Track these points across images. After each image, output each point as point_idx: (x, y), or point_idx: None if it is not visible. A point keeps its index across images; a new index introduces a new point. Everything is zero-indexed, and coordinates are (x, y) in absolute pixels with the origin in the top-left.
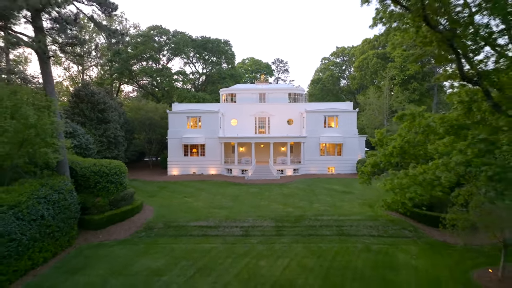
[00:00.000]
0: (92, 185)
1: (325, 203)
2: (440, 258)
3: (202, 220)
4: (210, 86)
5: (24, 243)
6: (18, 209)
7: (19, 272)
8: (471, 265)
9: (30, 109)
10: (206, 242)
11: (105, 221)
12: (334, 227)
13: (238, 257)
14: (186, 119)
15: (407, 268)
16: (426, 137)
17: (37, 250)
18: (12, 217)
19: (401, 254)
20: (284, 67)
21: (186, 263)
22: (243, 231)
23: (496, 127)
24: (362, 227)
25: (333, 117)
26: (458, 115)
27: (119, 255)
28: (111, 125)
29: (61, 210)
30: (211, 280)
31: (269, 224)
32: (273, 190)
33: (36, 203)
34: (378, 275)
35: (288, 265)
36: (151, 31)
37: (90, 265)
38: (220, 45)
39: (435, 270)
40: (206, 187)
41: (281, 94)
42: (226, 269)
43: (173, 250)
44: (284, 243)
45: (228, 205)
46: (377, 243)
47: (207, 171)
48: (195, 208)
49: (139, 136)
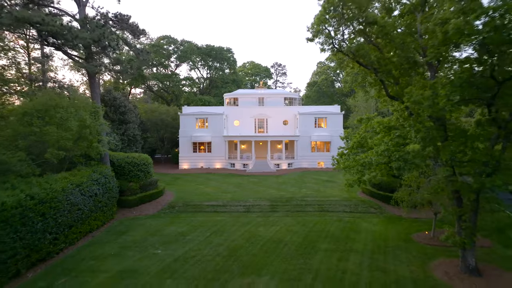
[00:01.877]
0: (126, 173)
1: (311, 189)
2: (393, 226)
3: (213, 201)
4: (214, 90)
5: (86, 213)
6: (81, 187)
7: (82, 233)
8: (414, 230)
9: (86, 113)
10: (216, 216)
11: (137, 201)
12: (316, 205)
13: (242, 225)
14: (195, 120)
15: (367, 231)
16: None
17: (93, 218)
18: (78, 192)
19: (364, 223)
20: (282, 70)
21: (203, 229)
22: (245, 208)
23: (408, 128)
24: (338, 206)
25: (322, 119)
26: (389, 119)
27: (151, 224)
28: (130, 126)
29: (107, 191)
30: (223, 238)
31: (265, 203)
32: (270, 180)
33: (91, 184)
34: (344, 235)
35: (279, 230)
36: (161, 41)
37: (131, 230)
38: (223, 52)
39: (387, 232)
40: (214, 178)
41: (277, 98)
42: (233, 232)
43: (192, 221)
44: (277, 216)
45: (233, 190)
46: (348, 216)
47: (213, 165)
48: (206, 193)
49: (152, 135)
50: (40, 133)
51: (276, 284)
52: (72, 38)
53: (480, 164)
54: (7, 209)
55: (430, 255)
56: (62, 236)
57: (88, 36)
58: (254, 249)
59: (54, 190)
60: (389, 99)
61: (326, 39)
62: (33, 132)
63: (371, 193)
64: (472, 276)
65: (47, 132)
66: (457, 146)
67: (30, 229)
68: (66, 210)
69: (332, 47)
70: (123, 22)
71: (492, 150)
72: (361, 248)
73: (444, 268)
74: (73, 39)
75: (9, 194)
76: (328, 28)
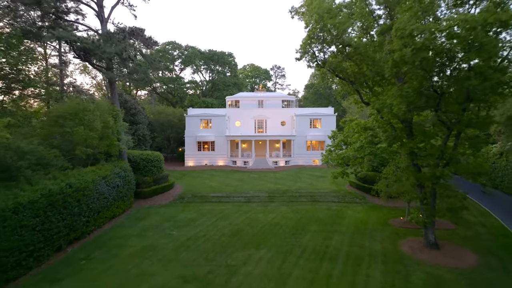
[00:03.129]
0: (141, 168)
1: (305, 183)
2: (374, 213)
3: (217, 193)
4: (217, 93)
5: (110, 201)
6: (106, 179)
7: (107, 218)
8: (392, 216)
9: (109, 116)
10: (221, 205)
11: (151, 193)
12: (308, 196)
13: (243, 212)
14: (200, 121)
15: (351, 217)
16: (353, 133)
17: (115, 206)
18: (104, 183)
19: (349, 211)
20: (281, 72)
21: (210, 215)
22: (246, 199)
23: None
24: (328, 197)
25: (317, 120)
26: (365, 122)
27: (165, 212)
28: (140, 126)
29: (126, 183)
30: (227, 223)
31: (264, 195)
32: (268, 175)
33: (114, 177)
34: (331, 220)
35: (275, 216)
36: (166, 46)
37: (148, 216)
38: (225, 56)
39: (368, 218)
40: (217, 174)
41: (276, 100)
42: (236, 218)
43: (200, 209)
44: (274, 205)
45: (235, 184)
46: (335, 205)
47: (216, 162)
48: (211, 186)
49: (159, 135)
50: (71, 133)
51: (272, 255)
52: (101, 53)
53: (434, 157)
54: (53, 195)
55: (401, 235)
56: (92, 220)
57: (113, 50)
58: (254, 230)
59: (86, 181)
60: (365, 105)
61: (311, 58)
62: (65, 132)
63: (357, 186)
64: (432, 249)
65: (77, 132)
66: (417, 143)
67: (70, 212)
68: (95, 198)
69: (317, 64)
70: (139, 35)
71: (444, 147)
72: (344, 230)
73: (410, 244)
74: (101, 53)
75: (53, 183)
76: (313, 49)
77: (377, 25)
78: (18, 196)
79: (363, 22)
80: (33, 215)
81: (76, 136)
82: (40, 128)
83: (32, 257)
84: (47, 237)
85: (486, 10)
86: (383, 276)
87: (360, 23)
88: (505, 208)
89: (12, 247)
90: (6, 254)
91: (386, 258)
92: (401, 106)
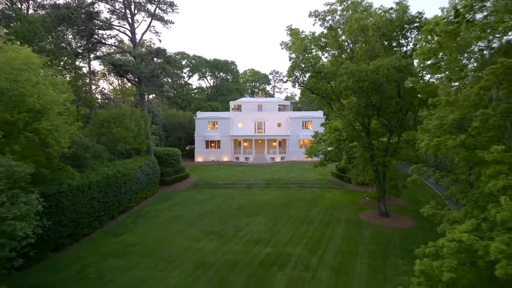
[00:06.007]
0: (164, 161)
1: (296, 174)
2: (347, 195)
3: (224, 181)
4: (221, 97)
5: (143, 185)
6: (140, 168)
7: (141, 198)
8: (361, 197)
9: (141, 120)
10: (228, 190)
11: (172, 181)
12: (297, 183)
13: (246, 195)
14: (207, 123)
15: (329, 198)
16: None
17: (146, 190)
18: (140, 171)
19: (328, 194)
20: (279, 77)
21: (220, 197)
22: (248, 185)
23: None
24: (313, 184)
25: (308, 122)
26: (336, 125)
27: (185, 195)
28: (156, 127)
29: (154, 172)
30: (233, 201)
31: (262, 183)
32: (266, 168)
33: (146, 167)
34: (313, 200)
35: (270, 197)
36: (176, 56)
37: (172, 198)
38: (228, 64)
39: (341, 199)
40: (223, 167)
41: (273, 105)
42: (240, 199)
43: (212, 193)
44: (269, 190)
45: (239, 175)
46: (318, 190)
47: (221, 158)
48: (219, 176)
49: (171, 135)
50: (113, 133)
51: (267, 220)
52: (138, 73)
53: (382, 150)
54: (109, 177)
55: (364, 209)
56: (133, 198)
57: (148, 70)
58: (254, 206)
59: (128, 168)
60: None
61: (295, 80)
62: (110, 132)
63: (337, 176)
64: (383, 217)
65: (119, 132)
66: (371, 140)
67: (119, 191)
68: (134, 182)
69: (299, 84)
70: (161, 55)
71: (389, 143)
72: (321, 206)
73: (368, 214)
74: (139, 73)
75: (108, 169)
76: (296, 74)
77: (344, 54)
78: (90, 177)
79: (333, 52)
80: (98, 191)
81: (118, 135)
82: (89, 130)
83: (98, 221)
84: (106, 208)
85: (397, 59)
86: (343, 231)
87: (332, 52)
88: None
89: (87, 212)
90: (83, 216)
91: (348, 222)
92: (350, 115)
